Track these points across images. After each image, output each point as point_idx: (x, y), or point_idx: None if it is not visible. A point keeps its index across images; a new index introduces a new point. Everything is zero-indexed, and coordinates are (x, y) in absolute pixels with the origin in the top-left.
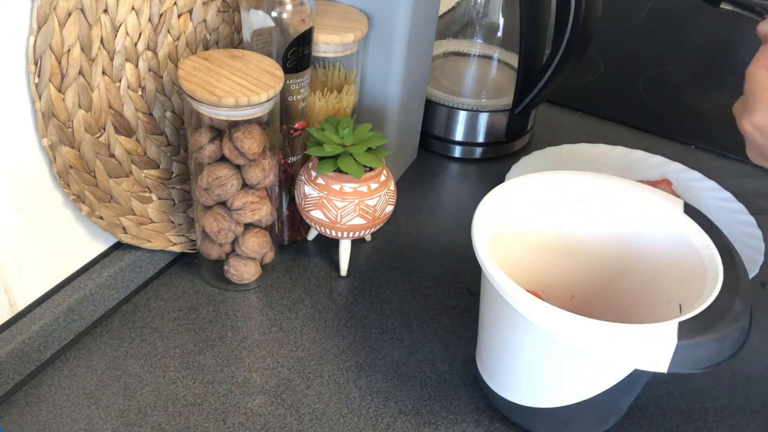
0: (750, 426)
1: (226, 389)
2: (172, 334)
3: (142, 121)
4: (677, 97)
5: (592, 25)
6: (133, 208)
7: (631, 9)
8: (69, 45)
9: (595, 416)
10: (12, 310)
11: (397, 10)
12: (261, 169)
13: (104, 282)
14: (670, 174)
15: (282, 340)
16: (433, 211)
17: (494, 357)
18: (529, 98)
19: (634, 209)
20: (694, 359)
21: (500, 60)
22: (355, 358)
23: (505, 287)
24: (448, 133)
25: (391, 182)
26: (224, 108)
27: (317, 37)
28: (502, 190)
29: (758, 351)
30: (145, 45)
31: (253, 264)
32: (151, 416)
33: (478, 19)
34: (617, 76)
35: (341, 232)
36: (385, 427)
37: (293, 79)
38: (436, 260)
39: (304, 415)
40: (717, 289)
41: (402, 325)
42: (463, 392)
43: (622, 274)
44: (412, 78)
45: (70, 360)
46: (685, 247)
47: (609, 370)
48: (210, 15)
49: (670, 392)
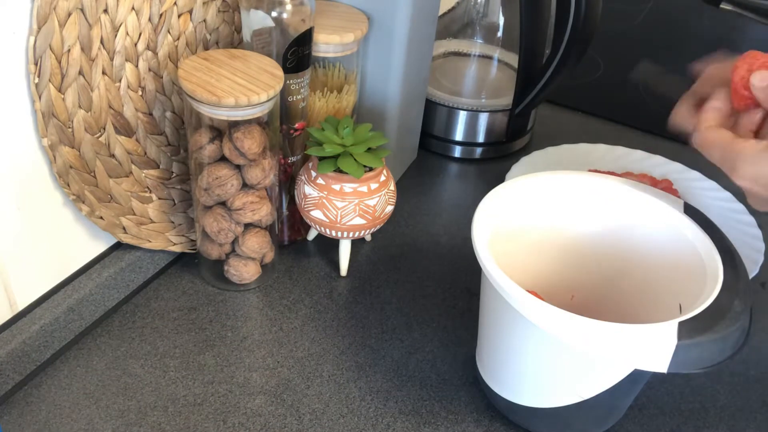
0: (750, 426)
1: (226, 389)
2: (172, 334)
3: (142, 121)
4: (677, 97)
5: (592, 25)
6: (133, 208)
7: (631, 9)
8: (69, 45)
9: (595, 416)
10: (12, 310)
11: (397, 10)
12: (261, 169)
13: (104, 282)
14: (670, 174)
15: (282, 340)
16: (433, 211)
17: (494, 357)
18: (529, 98)
19: (634, 209)
20: (694, 359)
21: (500, 60)
22: (355, 358)
23: (505, 287)
24: (448, 133)
25: (391, 182)
26: (224, 108)
27: (317, 37)
28: (502, 190)
29: (758, 351)
30: (145, 45)
31: (253, 264)
32: (151, 416)
33: (478, 19)
34: (617, 76)
35: (341, 232)
36: (385, 427)
37: (293, 79)
38: (436, 260)
39: (304, 415)
40: (717, 289)
41: (402, 325)
42: (463, 392)
43: (622, 274)
44: (412, 78)
45: (70, 360)
46: (685, 247)
47: (609, 370)
48: (210, 15)
49: (670, 392)
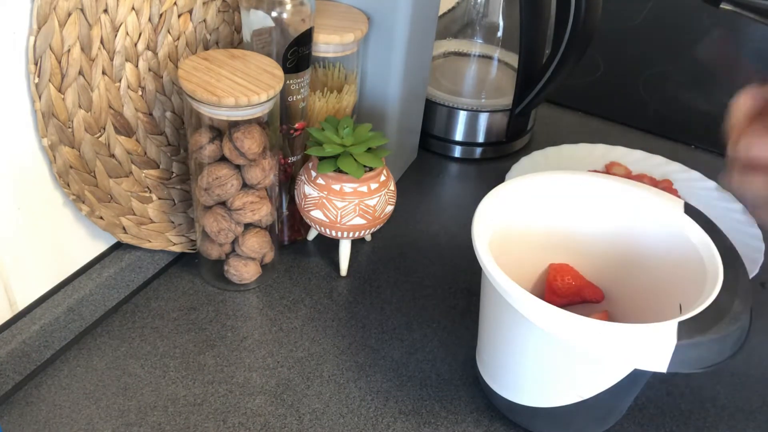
0: (750, 426)
1: (226, 389)
2: (172, 334)
3: (142, 121)
4: (677, 97)
5: (592, 25)
6: (133, 208)
7: (631, 9)
8: (69, 45)
9: (595, 416)
10: (12, 310)
11: (397, 10)
12: (261, 169)
13: (104, 282)
14: (670, 174)
15: (282, 340)
16: (433, 211)
17: (494, 357)
18: (529, 98)
19: (634, 209)
20: (694, 359)
21: (500, 60)
22: (355, 358)
23: (505, 287)
24: (448, 133)
25: (391, 182)
26: (224, 108)
27: (317, 37)
28: (502, 190)
29: (758, 351)
30: (145, 45)
31: (253, 264)
32: (151, 416)
33: (478, 19)
34: (617, 76)
35: (341, 232)
36: (385, 427)
37: (293, 79)
38: (436, 260)
39: (304, 415)
40: (717, 289)
41: (402, 325)
42: (463, 392)
43: (622, 274)
44: (412, 78)
45: (70, 360)
46: (685, 247)
47: (609, 370)
48: (210, 15)
49: (670, 392)
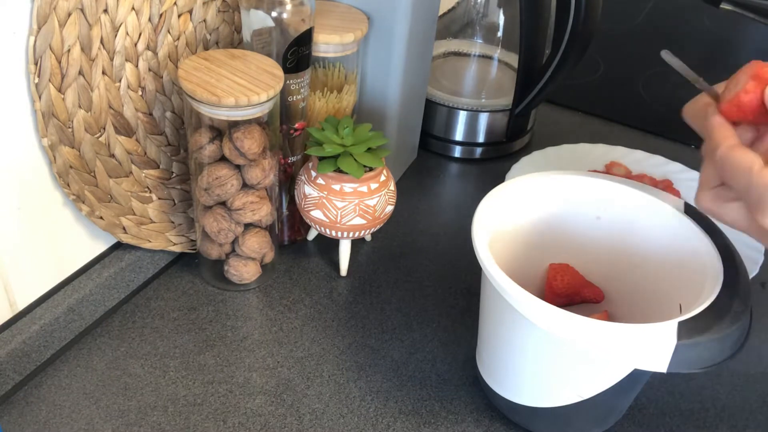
0: (750, 426)
1: (226, 389)
2: (172, 334)
3: (142, 121)
4: (677, 97)
5: (592, 25)
6: (133, 208)
7: (631, 9)
8: (69, 45)
9: (595, 416)
10: (12, 310)
11: (397, 10)
12: (261, 169)
13: (104, 282)
14: (670, 174)
15: (282, 340)
16: (433, 211)
17: (494, 357)
18: (529, 98)
19: (634, 209)
20: (694, 359)
21: (500, 60)
22: (355, 358)
23: (505, 287)
24: (448, 133)
25: (391, 182)
26: (224, 108)
27: (317, 37)
28: (502, 190)
29: (758, 351)
30: (145, 45)
31: (253, 264)
32: (151, 416)
33: (478, 19)
34: (617, 76)
35: (341, 232)
36: (385, 427)
37: (293, 79)
38: (436, 260)
39: (304, 415)
40: (717, 289)
41: (402, 325)
42: (463, 392)
43: (622, 274)
44: (412, 78)
45: (70, 360)
46: (685, 247)
47: (609, 370)
48: (210, 15)
49: (670, 392)
